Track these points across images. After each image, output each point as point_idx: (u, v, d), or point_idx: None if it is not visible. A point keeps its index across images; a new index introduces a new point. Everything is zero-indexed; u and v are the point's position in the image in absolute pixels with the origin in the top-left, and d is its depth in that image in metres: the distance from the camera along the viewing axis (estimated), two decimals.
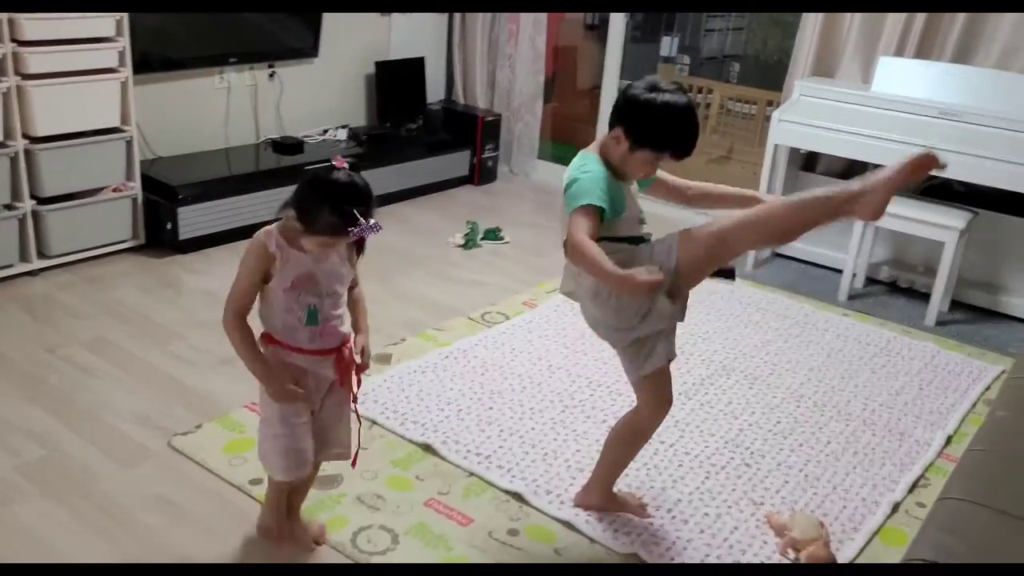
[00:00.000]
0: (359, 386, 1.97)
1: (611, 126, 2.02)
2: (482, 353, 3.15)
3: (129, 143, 3.70)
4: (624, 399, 2.91)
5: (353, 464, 2.05)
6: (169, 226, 3.78)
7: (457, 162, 5.10)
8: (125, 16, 3.52)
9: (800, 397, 3.03)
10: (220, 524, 2.21)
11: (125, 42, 3.56)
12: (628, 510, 2.33)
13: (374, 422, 2.67)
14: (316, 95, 4.75)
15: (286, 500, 2.09)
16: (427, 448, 2.55)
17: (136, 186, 3.75)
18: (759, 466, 2.60)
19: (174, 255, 3.82)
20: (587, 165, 2.02)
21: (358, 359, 1.97)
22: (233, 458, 2.44)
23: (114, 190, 3.70)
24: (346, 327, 1.98)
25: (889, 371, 3.27)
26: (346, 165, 1.82)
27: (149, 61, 3.83)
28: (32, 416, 2.60)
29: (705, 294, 3.83)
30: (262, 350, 1.93)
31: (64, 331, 3.12)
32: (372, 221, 1.81)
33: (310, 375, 1.95)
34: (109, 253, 3.74)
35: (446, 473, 2.46)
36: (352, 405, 2.00)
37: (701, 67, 5.70)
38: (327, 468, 2.42)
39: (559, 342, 3.28)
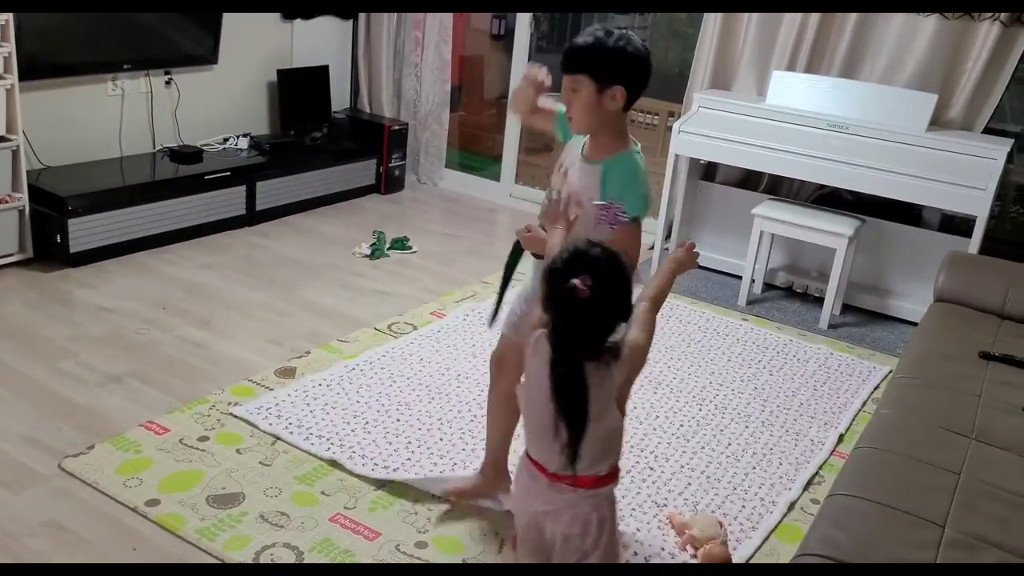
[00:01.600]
0: None
1: (606, 84, 1.92)
2: (389, 364, 3.13)
3: (15, 152, 3.53)
4: None
5: None
6: (59, 239, 3.62)
7: (363, 171, 5.05)
8: (10, 19, 3.37)
9: (702, 400, 3.11)
10: (114, 548, 2.12)
11: (11, 47, 3.40)
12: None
13: (278, 438, 2.61)
14: (216, 103, 4.64)
15: None
16: (333, 464, 2.51)
17: (23, 197, 3.58)
18: (663, 469, 2.66)
19: (65, 269, 3.66)
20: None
21: None
22: (128, 479, 2.35)
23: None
24: None
25: (786, 373, 3.39)
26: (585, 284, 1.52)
27: (37, 66, 3.66)
28: None
29: None
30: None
31: None
32: None
33: None
34: None
35: (352, 488, 2.42)
36: None
37: None
38: (227, 486, 2.37)
39: (467, 352, 3.28)
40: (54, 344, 3.06)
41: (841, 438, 2.95)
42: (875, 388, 3.33)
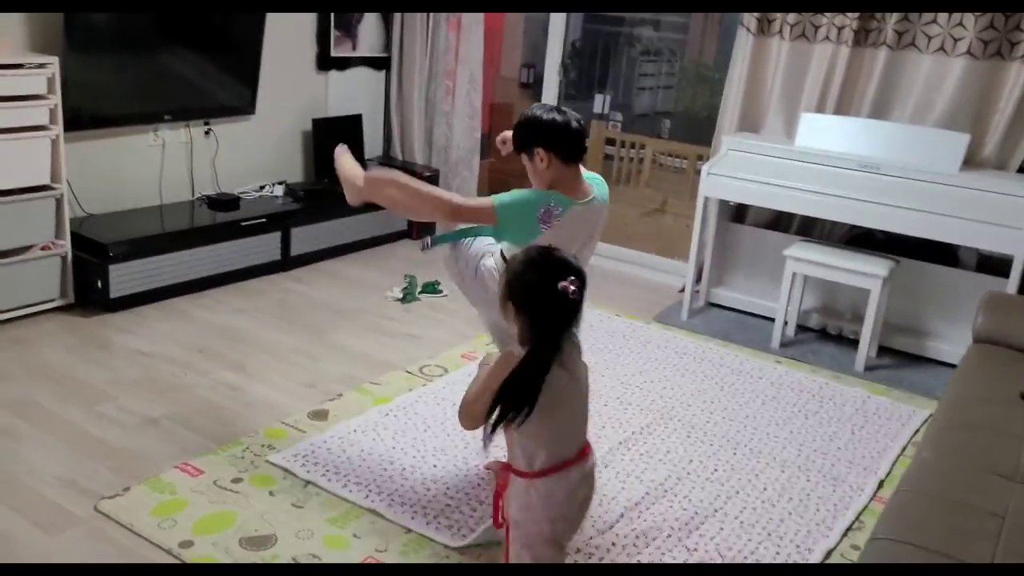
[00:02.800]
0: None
1: (529, 150, 2.39)
2: (422, 409, 3.13)
3: (59, 201, 3.63)
4: None
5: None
6: (99, 284, 3.70)
7: (395, 217, 5.11)
8: (56, 73, 3.49)
9: (737, 444, 3.07)
10: None
11: (56, 99, 3.52)
12: None
13: (316, 485, 2.61)
14: (253, 152, 4.75)
15: None
16: (374, 512, 2.49)
17: (65, 244, 3.67)
18: (695, 513, 2.62)
19: (104, 314, 3.73)
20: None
21: None
22: (163, 521, 2.37)
23: (43, 248, 3.62)
24: None
25: (822, 417, 3.34)
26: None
27: (81, 118, 3.78)
28: None
29: (641, 344, 3.89)
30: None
31: None
32: None
33: None
34: (37, 313, 3.64)
35: (384, 530, 2.42)
36: None
37: (633, 123, 5.88)
38: (260, 528, 2.38)
39: None
40: (93, 388, 3.11)
41: (881, 484, 2.89)
42: (915, 432, 3.26)
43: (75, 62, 3.66)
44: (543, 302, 1.74)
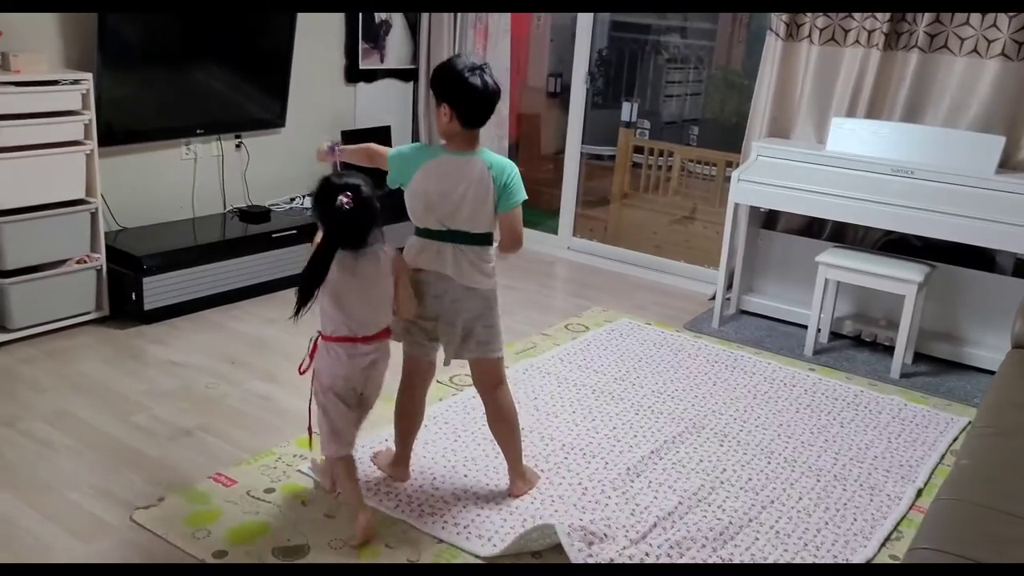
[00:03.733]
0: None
1: (438, 101, 2.44)
2: (452, 418, 3.13)
3: (94, 215, 3.68)
4: (597, 460, 2.89)
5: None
6: (134, 297, 3.75)
7: None
8: (91, 89, 3.55)
9: (771, 453, 3.03)
10: None
11: (91, 114, 3.58)
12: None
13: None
14: (283, 164, 4.79)
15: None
16: (405, 522, 2.49)
17: (101, 257, 3.73)
18: (730, 522, 2.58)
19: (139, 326, 3.78)
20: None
21: None
22: (197, 531, 2.38)
23: (78, 262, 3.67)
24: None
25: (858, 425, 3.29)
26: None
27: (114, 133, 3.84)
28: None
29: (672, 352, 3.86)
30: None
31: (23, 404, 3.06)
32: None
33: None
34: (73, 325, 3.69)
35: (415, 540, 2.41)
36: None
37: (662, 131, 5.85)
38: (293, 538, 2.38)
39: (528, 405, 3.26)
40: (127, 399, 3.15)
41: (920, 492, 2.83)
42: (953, 440, 3.20)
43: (109, 78, 3.73)
44: (329, 215, 2.28)
